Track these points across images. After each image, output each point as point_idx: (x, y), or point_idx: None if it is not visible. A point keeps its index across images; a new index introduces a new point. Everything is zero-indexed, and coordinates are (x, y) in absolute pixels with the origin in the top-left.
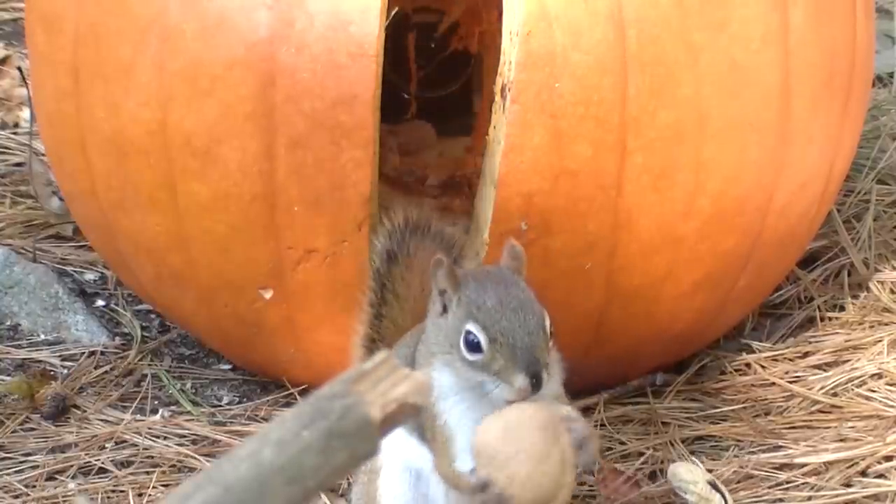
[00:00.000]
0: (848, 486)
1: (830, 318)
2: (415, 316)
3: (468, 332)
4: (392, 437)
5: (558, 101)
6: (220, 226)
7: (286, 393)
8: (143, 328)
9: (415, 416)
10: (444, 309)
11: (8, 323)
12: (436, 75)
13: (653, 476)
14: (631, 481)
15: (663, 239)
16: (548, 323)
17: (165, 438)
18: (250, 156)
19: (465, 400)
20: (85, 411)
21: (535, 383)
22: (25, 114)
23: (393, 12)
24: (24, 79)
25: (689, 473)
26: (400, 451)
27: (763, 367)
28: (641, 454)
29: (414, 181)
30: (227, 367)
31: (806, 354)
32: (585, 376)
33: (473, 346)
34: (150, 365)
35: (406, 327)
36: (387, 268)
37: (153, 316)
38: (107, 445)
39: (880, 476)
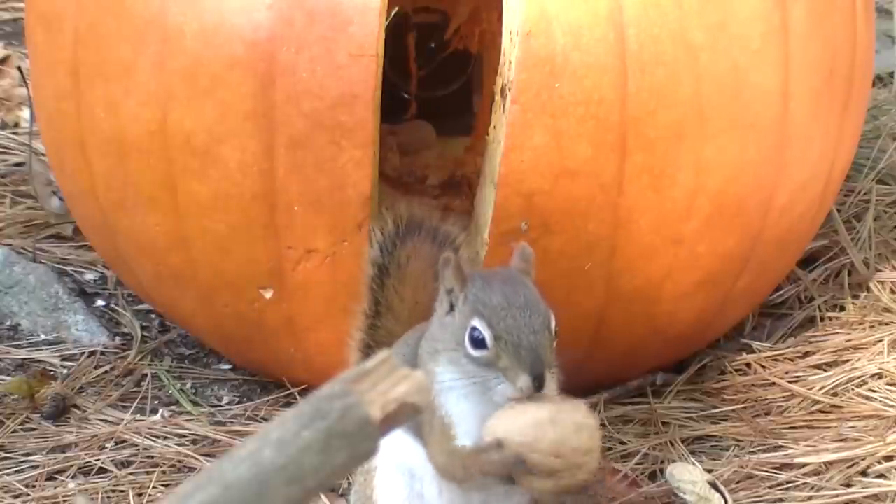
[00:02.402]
0: (848, 486)
1: (830, 318)
2: (410, 326)
3: (473, 329)
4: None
5: (558, 101)
6: (220, 225)
7: (286, 393)
8: (143, 328)
9: (415, 415)
10: (451, 308)
11: (8, 323)
12: (436, 75)
13: (653, 476)
14: (629, 481)
15: (663, 239)
16: (553, 323)
17: (165, 438)
18: (250, 155)
19: (468, 396)
20: (85, 411)
21: (538, 383)
22: (25, 114)
23: (393, 12)
24: (24, 79)
25: (686, 474)
26: (394, 450)
27: (763, 367)
28: (641, 454)
29: (414, 181)
30: (227, 367)
31: (806, 354)
32: (585, 376)
33: (478, 343)
34: (150, 365)
35: (401, 335)
36: (379, 282)
37: (153, 316)
38: (107, 445)
39: (880, 476)
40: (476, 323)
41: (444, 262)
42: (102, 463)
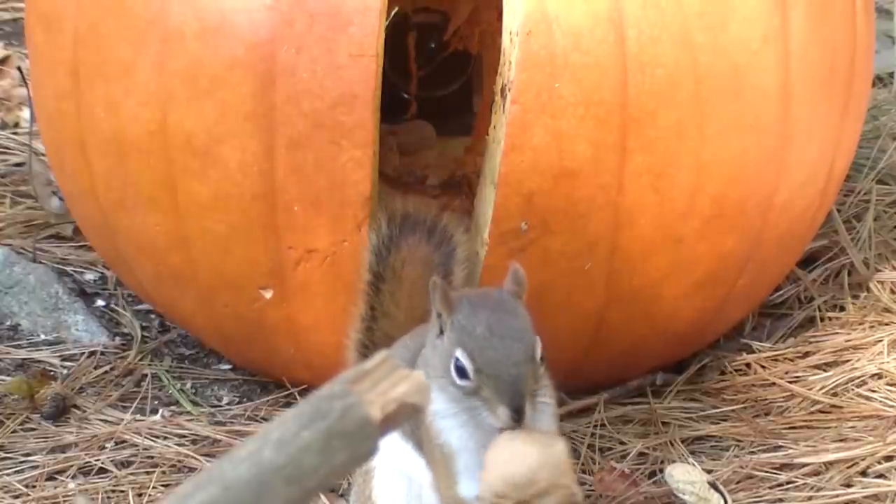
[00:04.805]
0: (848, 486)
1: (830, 318)
2: (407, 329)
3: (457, 359)
4: (386, 438)
5: (558, 102)
6: (220, 226)
7: (286, 393)
8: (143, 328)
9: (415, 415)
10: (441, 331)
11: (8, 323)
12: (436, 75)
13: (653, 476)
14: (629, 479)
15: (663, 239)
16: (538, 352)
17: (165, 438)
18: (250, 156)
19: (462, 423)
20: (85, 411)
21: (517, 416)
22: (25, 114)
23: (393, 12)
24: (24, 79)
25: (686, 474)
26: (393, 453)
27: (763, 367)
28: (641, 454)
29: (414, 181)
30: (227, 367)
31: (806, 354)
32: (585, 376)
33: (461, 373)
34: (150, 365)
35: (398, 337)
36: (375, 288)
37: (153, 316)
38: (107, 445)
39: (880, 476)
40: (459, 354)
41: (432, 287)
42: (102, 463)
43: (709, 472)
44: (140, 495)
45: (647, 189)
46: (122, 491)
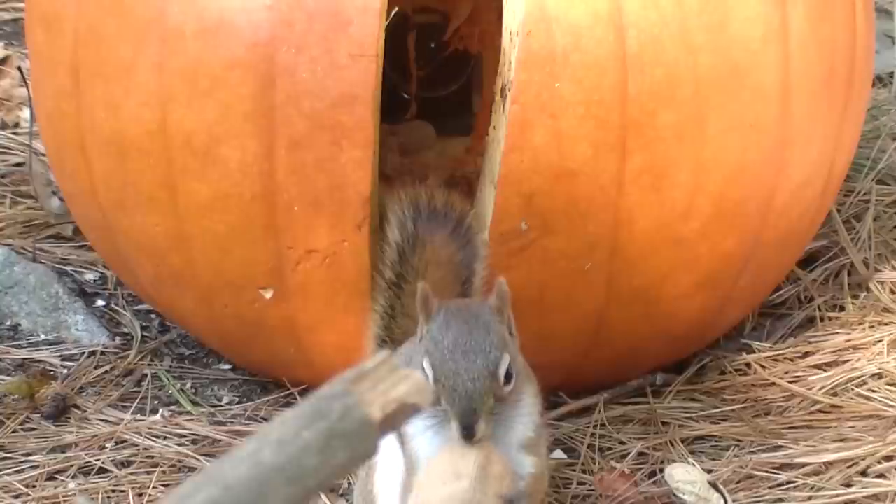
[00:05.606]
0: (848, 486)
1: (830, 318)
2: None
3: (423, 369)
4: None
5: (558, 101)
6: (220, 226)
7: (286, 393)
8: (143, 328)
9: (415, 415)
10: (421, 338)
11: (8, 323)
12: (436, 75)
13: (653, 476)
14: (629, 479)
15: (663, 239)
16: (503, 368)
17: (165, 438)
18: (250, 156)
19: (431, 427)
20: (85, 411)
21: (467, 433)
22: (25, 114)
23: (393, 12)
24: (24, 79)
25: (685, 474)
26: (393, 449)
27: (763, 367)
28: (641, 454)
29: (414, 181)
30: (227, 367)
31: (806, 354)
32: (585, 376)
33: None
34: (150, 365)
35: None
36: (397, 289)
37: (153, 316)
38: (107, 445)
39: (880, 476)
40: (424, 363)
41: (418, 293)
42: (102, 463)
43: (709, 472)
44: (140, 495)
45: (647, 189)
46: (122, 491)
